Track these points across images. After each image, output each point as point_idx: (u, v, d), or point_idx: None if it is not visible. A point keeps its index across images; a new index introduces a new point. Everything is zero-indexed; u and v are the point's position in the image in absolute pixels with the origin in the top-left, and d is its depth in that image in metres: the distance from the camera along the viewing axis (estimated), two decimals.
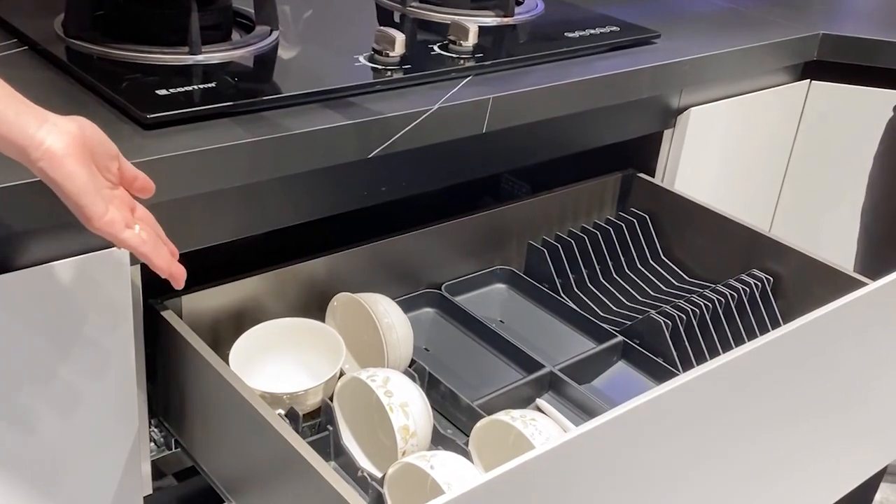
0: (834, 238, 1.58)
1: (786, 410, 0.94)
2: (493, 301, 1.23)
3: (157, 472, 1.00)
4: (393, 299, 1.05)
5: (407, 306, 1.10)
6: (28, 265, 0.79)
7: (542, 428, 0.85)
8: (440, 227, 1.17)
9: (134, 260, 0.85)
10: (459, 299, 1.18)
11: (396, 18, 1.27)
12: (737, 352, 0.82)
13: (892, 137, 1.50)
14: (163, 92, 0.90)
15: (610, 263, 1.27)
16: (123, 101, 0.87)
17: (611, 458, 0.74)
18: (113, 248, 0.83)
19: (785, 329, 0.86)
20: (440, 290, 1.19)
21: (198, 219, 0.90)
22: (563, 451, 0.68)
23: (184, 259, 0.91)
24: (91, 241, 0.82)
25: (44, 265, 0.80)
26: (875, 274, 1.14)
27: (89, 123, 0.71)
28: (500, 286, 1.25)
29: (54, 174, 0.67)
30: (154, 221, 0.77)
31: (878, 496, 1.57)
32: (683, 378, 0.77)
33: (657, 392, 0.75)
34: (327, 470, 0.74)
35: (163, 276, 0.76)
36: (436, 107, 0.99)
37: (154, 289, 0.92)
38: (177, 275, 0.77)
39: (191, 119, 0.88)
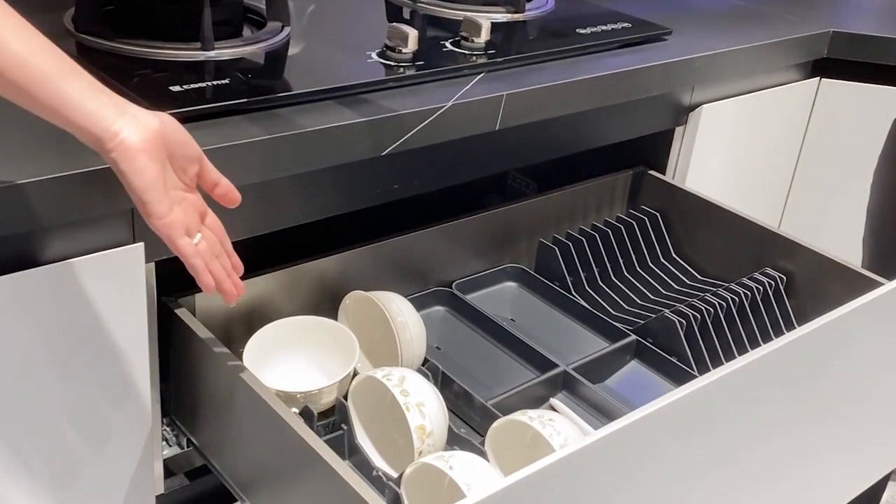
0: (843, 236, 1.57)
1: (803, 410, 0.93)
2: (503, 299, 1.22)
3: (169, 471, 0.99)
4: (404, 297, 1.04)
5: (418, 304, 1.09)
6: (42, 262, 0.78)
7: (560, 428, 0.85)
8: (451, 225, 1.16)
9: (149, 257, 0.85)
10: (470, 297, 1.17)
11: (406, 14, 1.26)
12: (756, 353, 0.82)
13: None
14: (176, 88, 0.89)
15: (621, 261, 1.27)
16: (136, 97, 0.86)
17: (633, 460, 0.74)
18: (128, 246, 0.82)
19: (804, 329, 0.86)
20: (451, 288, 1.18)
21: None
22: (586, 454, 0.68)
23: None
24: (105, 239, 0.82)
25: (58, 263, 0.79)
26: (882, 273, 1.13)
27: (173, 121, 0.71)
28: (511, 284, 1.24)
29: (124, 167, 0.67)
30: (222, 232, 0.77)
31: (885, 495, 1.57)
32: (704, 380, 0.77)
33: (678, 394, 0.74)
34: (345, 469, 0.73)
35: (207, 294, 0.75)
36: (450, 104, 0.98)
37: (168, 287, 0.92)
38: (227, 290, 0.76)
39: (204, 116, 0.87)
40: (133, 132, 0.66)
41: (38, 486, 0.86)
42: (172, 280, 0.91)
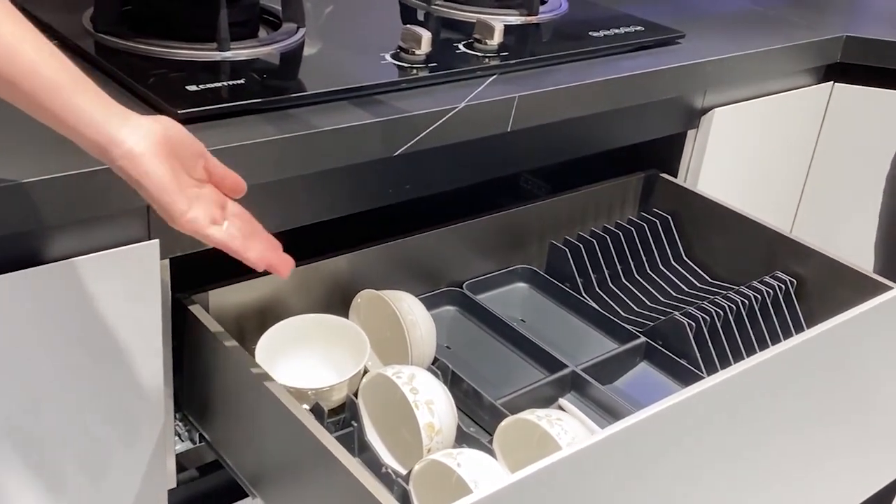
0: (854, 240, 1.57)
1: (810, 413, 0.94)
2: (514, 300, 1.23)
3: (180, 465, 1.00)
4: (415, 297, 1.05)
5: (428, 304, 1.10)
6: (58, 259, 0.80)
7: (568, 428, 0.85)
8: (462, 225, 1.17)
9: (163, 254, 0.86)
10: (481, 298, 1.18)
11: (420, 16, 1.27)
12: (763, 355, 0.82)
13: None
14: (192, 88, 0.91)
15: (632, 263, 1.27)
16: (153, 96, 0.88)
17: (639, 459, 0.75)
18: (143, 242, 0.84)
19: (811, 332, 0.86)
20: (461, 288, 1.19)
21: None
22: (592, 452, 0.68)
23: (211, 254, 0.91)
24: (121, 236, 0.83)
25: (73, 259, 0.80)
26: (894, 277, 1.13)
27: (174, 123, 0.71)
28: (522, 285, 1.25)
29: (134, 173, 0.68)
30: (249, 217, 0.77)
31: None
32: (710, 381, 0.78)
33: (685, 394, 0.75)
34: (356, 466, 0.74)
35: (259, 270, 0.76)
36: (462, 105, 0.99)
37: (182, 283, 0.93)
38: (276, 265, 0.77)
39: (219, 115, 0.88)
40: (138, 139, 0.67)
41: (52, 480, 0.87)
42: (187, 277, 0.93)
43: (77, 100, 0.66)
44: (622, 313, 1.19)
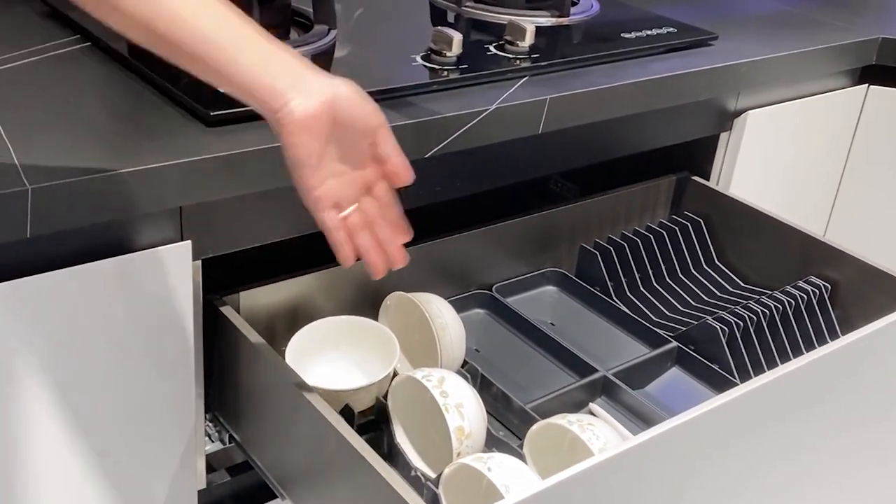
0: (889, 245, 1.55)
1: (845, 420, 0.92)
2: (543, 303, 1.22)
3: (210, 466, 1.01)
4: (444, 299, 1.05)
5: (457, 307, 1.09)
6: (91, 259, 0.80)
7: (600, 433, 0.84)
8: (492, 228, 1.16)
9: (195, 255, 0.86)
10: (510, 301, 1.17)
11: (451, 18, 1.27)
12: (798, 362, 0.81)
13: None
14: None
15: (663, 267, 1.26)
16: (187, 98, 0.88)
17: (671, 466, 0.74)
18: (175, 244, 0.84)
19: (846, 339, 0.85)
20: (491, 291, 1.18)
21: (258, 216, 0.90)
22: (625, 458, 0.68)
23: (242, 255, 0.92)
24: (153, 236, 0.83)
25: (105, 259, 0.81)
26: None
27: (351, 91, 0.69)
28: (551, 288, 1.24)
29: (286, 139, 0.68)
30: (388, 203, 0.75)
31: None
32: (745, 388, 0.77)
33: (719, 401, 0.74)
34: (386, 468, 0.74)
35: (345, 267, 0.75)
36: (493, 107, 0.99)
37: (213, 284, 0.93)
38: (372, 264, 0.75)
39: (253, 117, 0.87)
40: (301, 105, 0.66)
41: (83, 480, 0.88)
42: (217, 278, 0.93)
43: (240, 59, 0.65)
44: (653, 317, 1.18)
